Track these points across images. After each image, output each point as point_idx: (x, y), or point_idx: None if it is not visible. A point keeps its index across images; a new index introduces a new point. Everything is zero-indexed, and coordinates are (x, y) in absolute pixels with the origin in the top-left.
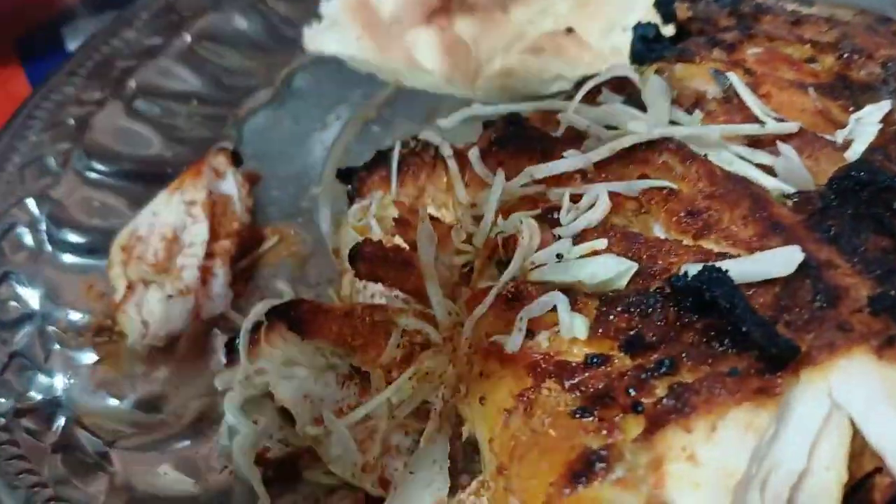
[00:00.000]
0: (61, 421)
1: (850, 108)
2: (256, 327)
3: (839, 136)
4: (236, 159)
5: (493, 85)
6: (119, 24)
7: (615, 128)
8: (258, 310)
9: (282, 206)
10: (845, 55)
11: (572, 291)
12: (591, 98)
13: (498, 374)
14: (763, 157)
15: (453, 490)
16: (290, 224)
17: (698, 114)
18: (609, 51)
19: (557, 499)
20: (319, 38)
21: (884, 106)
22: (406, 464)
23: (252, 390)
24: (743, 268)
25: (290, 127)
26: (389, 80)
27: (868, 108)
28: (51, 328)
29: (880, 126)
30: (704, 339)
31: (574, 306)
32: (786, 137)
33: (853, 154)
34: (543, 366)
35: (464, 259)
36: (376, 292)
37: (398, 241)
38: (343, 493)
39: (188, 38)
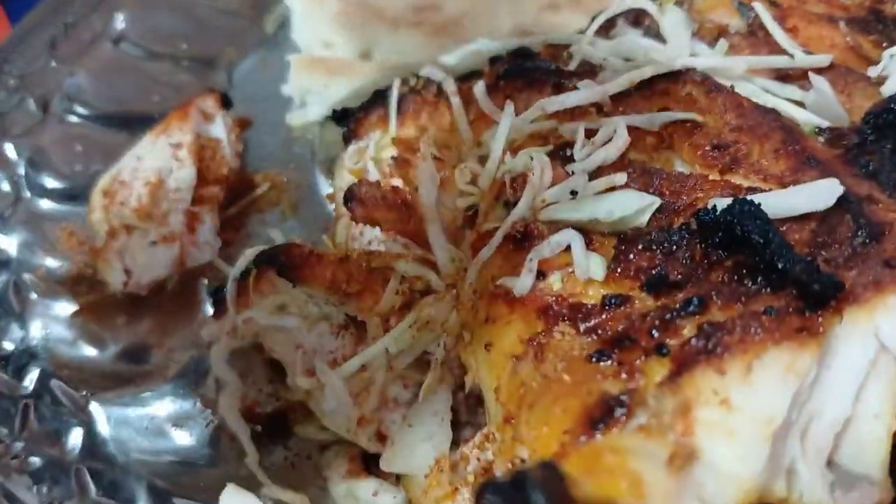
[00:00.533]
0: (35, 372)
1: (884, 44)
2: (245, 276)
3: (872, 73)
4: (226, 102)
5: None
6: None
7: (632, 61)
8: (247, 256)
9: (273, 151)
10: None
11: (587, 230)
12: (605, 32)
13: (505, 318)
14: (793, 92)
15: (455, 444)
16: (282, 170)
17: (723, 43)
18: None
19: (572, 448)
20: None
21: None
22: (405, 417)
23: (240, 342)
24: (777, 202)
25: (282, 71)
26: None
27: None
28: (27, 276)
29: None
30: (736, 277)
31: (590, 245)
32: (817, 71)
33: (889, 90)
34: (556, 308)
35: (468, 201)
36: (373, 239)
37: (397, 183)
38: (337, 450)
39: None
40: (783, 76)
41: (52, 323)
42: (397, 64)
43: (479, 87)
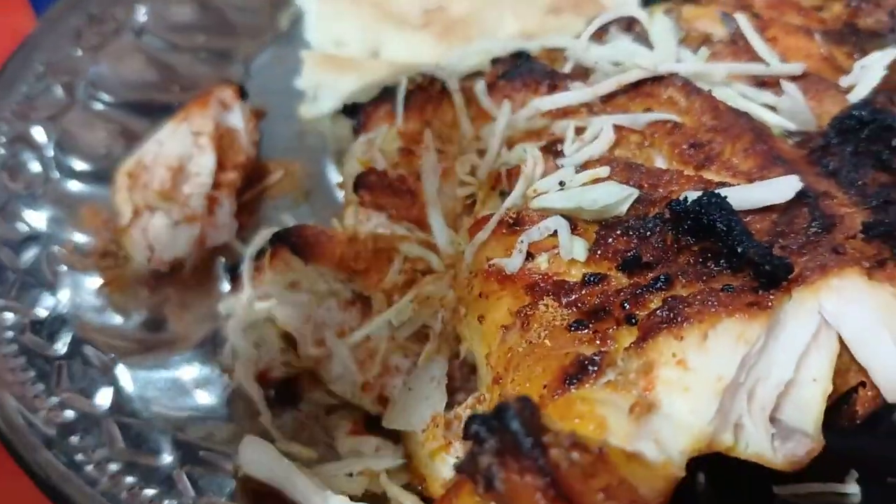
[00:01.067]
0: (68, 336)
1: (856, 55)
2: (260, 255)
3: (844, 81)
4: (243, 94)
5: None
6: None
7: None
8: (263, 236)
9: (286, 141)
10: (853, 3)
11: (573, 217)
12: (600, 37)
13: (497, 294)
14: (767, 97)
15: (450, 406)
16: (295, 159)
17: (704, 51)
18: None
19: (550, 400)
20: None
21: (890, 53)
22: (405, 382)
23: (255, 315)
24: (741, 195)
25: (296, 65)
26: None
27: (874, 55)
28: (57, 248)
29: (885, 72)
30: (701, 260)
31: (574, 231)
32: (791, 79)
33: (856, 97)
34: (542, 285)
35: (467, 191)
36: (379, 224)
37: (402, 173)
38: (343, 412)
39: None
40: (760, 82)
41: (81, 293)
42: (405, 62)
43: (479, 86)
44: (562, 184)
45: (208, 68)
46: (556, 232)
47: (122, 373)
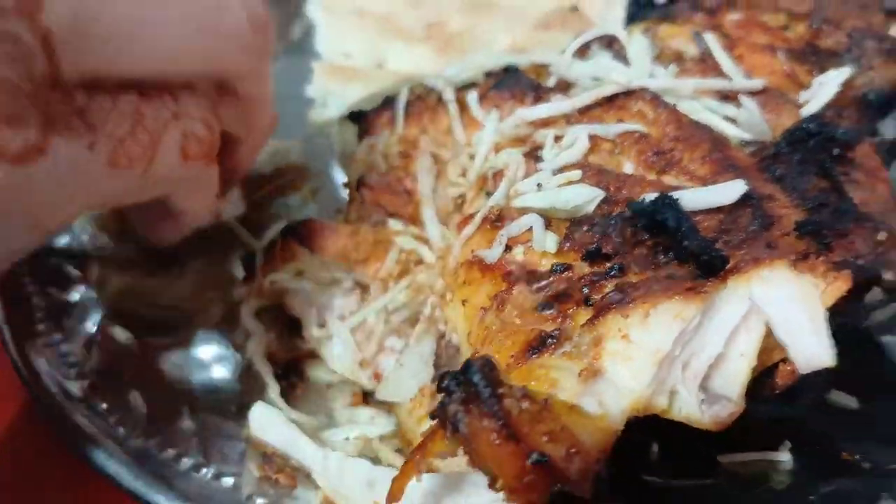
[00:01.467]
0: (96, 318)
1: (815, 73)
2: (271, 246)
3: (802, 97)
4: None
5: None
6: None
7: (599, 80)
8: (275, 228)
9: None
10: (815, 24)
11: (548, 216)
12: (582, 53)
13: (479, 281)
14: (729, 110)
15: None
16: (304, 160)
17: (673, 68)
18: (611, 24)
19: (514, 367)
20: None
21: (845, 71)
22: (397, 360)
23: (265, 301)
24: (693, 196)
25: (306, 74)
26: None
27: (831, 73)
28: (85, 238)
29: (839, 89)
30: (653, 253)
31: (548, 227)
32: (751, 94)
33: (809, 111)
34: (517, 273)
35: (458, 191)
36: (378, 220)
37: (401, 174)
38: (342, 387)
39: None
40: (724, 97)
41: (107, 277)
42: (407, 73)
43: (472, 97)
44: (539, 186)
45: None
46: (532, 228)
47: (146, 348)
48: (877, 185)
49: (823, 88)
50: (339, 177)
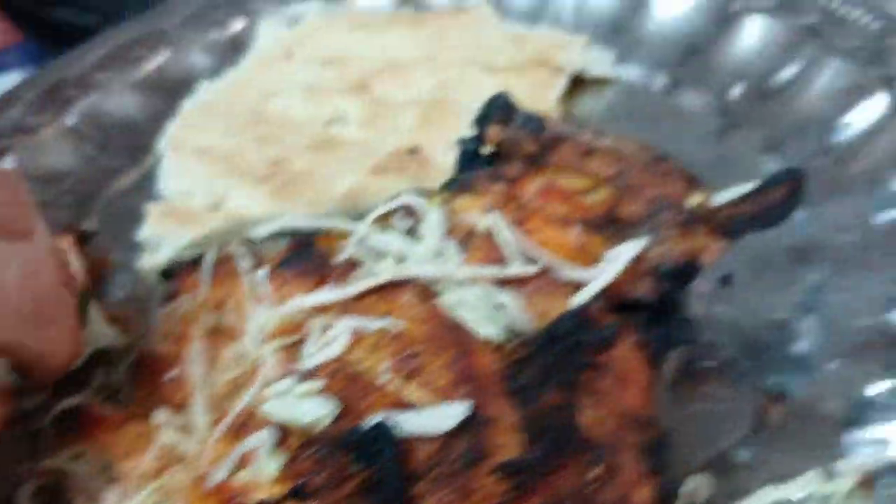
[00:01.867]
0: None
1: (613, 243)
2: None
3: (590, 274)
4: (85, 239)
5: (339, 206)
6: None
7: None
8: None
9: (126, 291)
10: (617, 190)
11: (287, 428)
12: (385, 221)
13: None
14: (504, 297)
15: None
16: (129, 310)
17: (456, 247)
18: (451, 166)
19: None
20: None
21: (639, 244)
22: None
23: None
24: (413, 421)
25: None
26: None
27: (621, 247)
28: None
29: (631, 263)
30: (359, 492)
31: (283, 443)
32: (526, 279)
33: (578, 300)
34: (233, 501)
35: (235, 374)
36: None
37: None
38: None
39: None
40: (502, 282)
41: None
42: (242, 216)
43: (262, 273)
44: (285, 392)
45: (69, 212)
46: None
47: None
48: (624, 394)
49: (610, 264)
50: None
